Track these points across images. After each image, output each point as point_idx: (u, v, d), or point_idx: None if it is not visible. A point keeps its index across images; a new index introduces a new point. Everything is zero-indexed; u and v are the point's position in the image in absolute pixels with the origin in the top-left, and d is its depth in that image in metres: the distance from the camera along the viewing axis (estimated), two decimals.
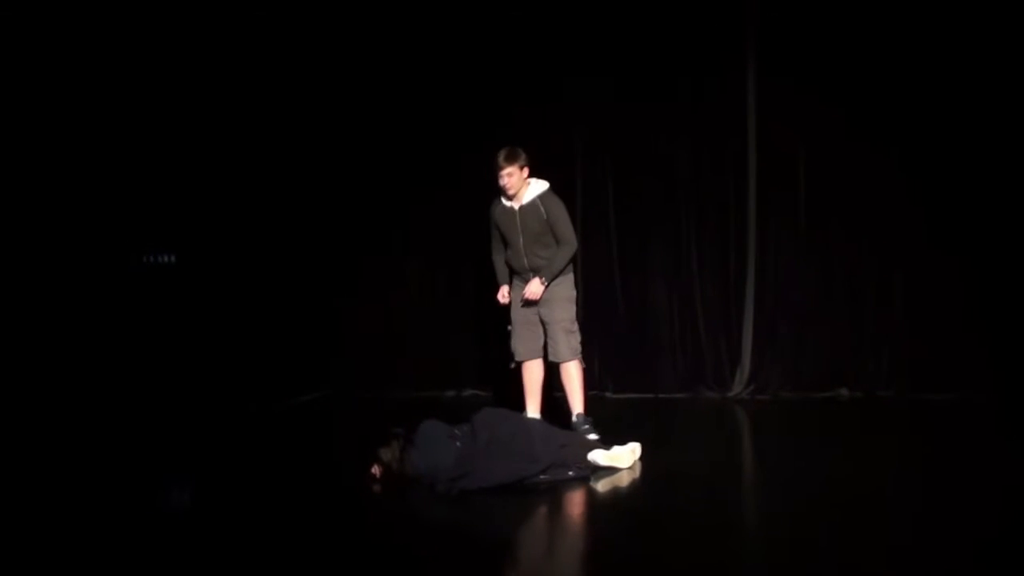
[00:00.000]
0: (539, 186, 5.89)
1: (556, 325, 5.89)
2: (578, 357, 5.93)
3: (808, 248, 7.41)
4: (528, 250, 5.85)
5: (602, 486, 5.02)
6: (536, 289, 5.84)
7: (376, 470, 5.02)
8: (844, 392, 7.37)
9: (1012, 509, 4.38)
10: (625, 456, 5.26)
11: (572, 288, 5.98)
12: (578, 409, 5.91)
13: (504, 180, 5.78)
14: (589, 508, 4.85)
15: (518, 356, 6.00)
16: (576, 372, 5.91)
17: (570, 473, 5.04)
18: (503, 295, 6.05)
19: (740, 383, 7.50)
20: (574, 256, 5.96)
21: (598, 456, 5.18)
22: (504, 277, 6.06)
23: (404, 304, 8.07)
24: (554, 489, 4.89)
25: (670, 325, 7.61)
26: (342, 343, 8.13)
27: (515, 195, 5.84)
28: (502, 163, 5.77)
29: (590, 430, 5.82)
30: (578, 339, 5.96)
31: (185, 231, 8.22)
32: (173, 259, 8.27)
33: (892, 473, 5.18)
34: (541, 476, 4.93)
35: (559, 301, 5.89)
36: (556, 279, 5.85)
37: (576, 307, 6.01)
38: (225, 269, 8.14)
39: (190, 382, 7.80)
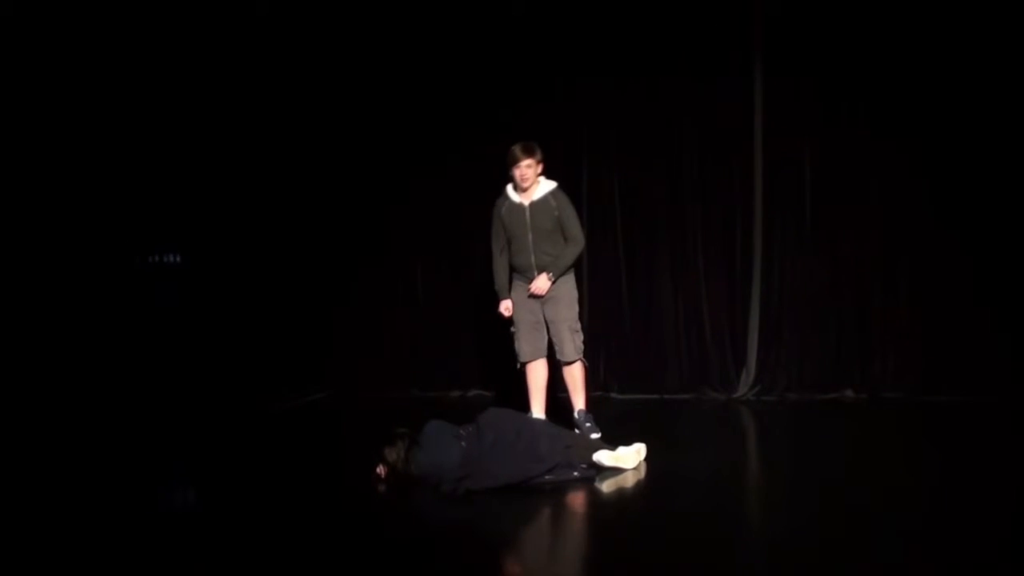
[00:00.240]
0: (548, 184, 5.92)
1: (562, 324, 5.90)
2: (582, 356, 5.94)
3: (814, 249, 7.39)
4: (537, 247, 5.85)
5: (607, 487, 5.01)
6: (543, 284, 5.84)
7: (381, 470, 5.03)
8: (850, 393, 7.33)
9: (1022, 512, 4.36)
10: (630, 457, 5.26)
11: (575, 287, 6.00)
12: (580, 405, 5.94)
13: (522, 171, 5.79)
14: (594, 509, 4.84)
15: (523, 356, 6.00)
16: (579, 371, 5.93)
17: (575, 474, 5.03)
18: (507, 308, 6.03)
19: (746, 384, 7.47)
20: (580, 255, 5.98)
21: (603, 457, 5.18)
22: (505, 289, 6.02)
23: (409, 304, 8.09)
24: (559, 490, 4.89)
25: (675, 326, 7.60)
26: (346, 343, 8.13)
27: (528, 189, 5.85)
28: (520, 155, 5.78)
29: (592, 427, 5.84)
30: (582, 338, 5.98)
31: (190, 231, 8.25)
32: (178, 259, 8.30)
33: (898, 475, 5.15)
34: (546, 476, 4.93)
35: (565, 300, 5.91)
36: (561, 277, 5.87)
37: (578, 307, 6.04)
38: (229, 269, 8.17)
39: (193, 382, 7.82)
